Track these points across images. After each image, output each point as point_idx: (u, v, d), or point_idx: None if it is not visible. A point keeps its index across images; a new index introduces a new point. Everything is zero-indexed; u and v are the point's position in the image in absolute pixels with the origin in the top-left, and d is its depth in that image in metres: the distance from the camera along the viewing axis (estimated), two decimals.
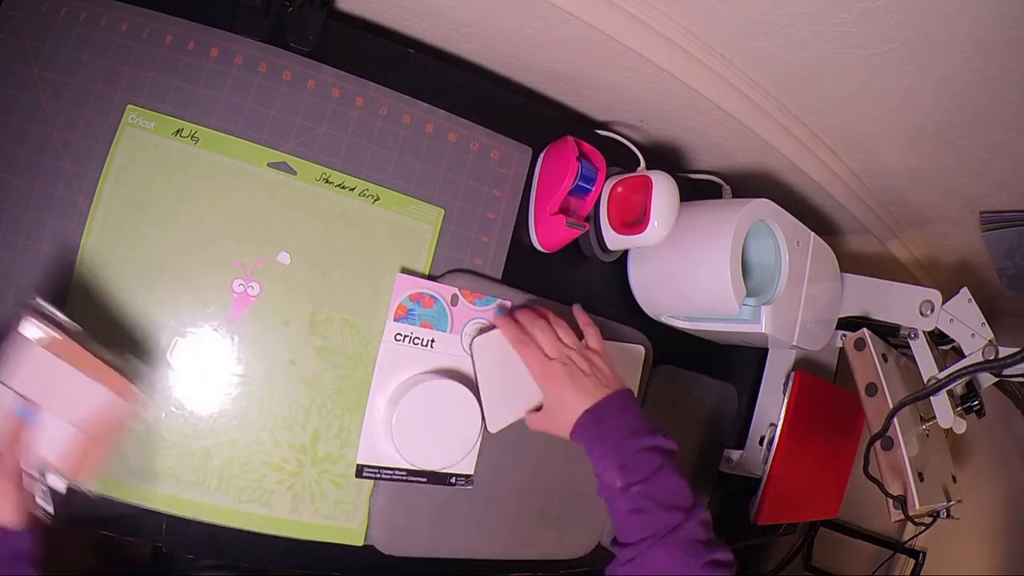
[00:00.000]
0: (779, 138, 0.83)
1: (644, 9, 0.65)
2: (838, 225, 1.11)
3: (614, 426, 0.62)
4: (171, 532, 0.61)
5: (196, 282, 0.61)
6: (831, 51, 0.64)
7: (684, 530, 0.56)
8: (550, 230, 0.74)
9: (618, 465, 0.59)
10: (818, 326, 0.86)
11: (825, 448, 1.06)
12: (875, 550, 1.44)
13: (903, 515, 0.86)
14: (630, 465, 0.59)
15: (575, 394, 0.63)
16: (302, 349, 0.64)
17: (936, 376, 0.83)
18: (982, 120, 0.71)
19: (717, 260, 0.72)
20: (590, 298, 0.81)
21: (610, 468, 0.59)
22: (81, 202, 0.59)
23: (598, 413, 0.63)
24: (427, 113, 0.70)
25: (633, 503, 0.58)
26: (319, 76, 0.65)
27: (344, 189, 0.66)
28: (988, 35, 0.57)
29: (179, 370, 0.61)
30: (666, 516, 0.56)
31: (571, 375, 0.64)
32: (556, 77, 0.80)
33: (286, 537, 0.65)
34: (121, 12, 0.62)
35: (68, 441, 0.53)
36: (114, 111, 0.61)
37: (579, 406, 0.63)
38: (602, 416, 0.63)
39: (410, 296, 0.68)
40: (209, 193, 0.62)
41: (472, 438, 0.68)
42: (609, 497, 0.60)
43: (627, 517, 0.58)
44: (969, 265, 1.17)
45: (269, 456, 0.63)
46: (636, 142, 0.83)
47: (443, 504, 0.71)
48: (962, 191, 0.90)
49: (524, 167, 0.76)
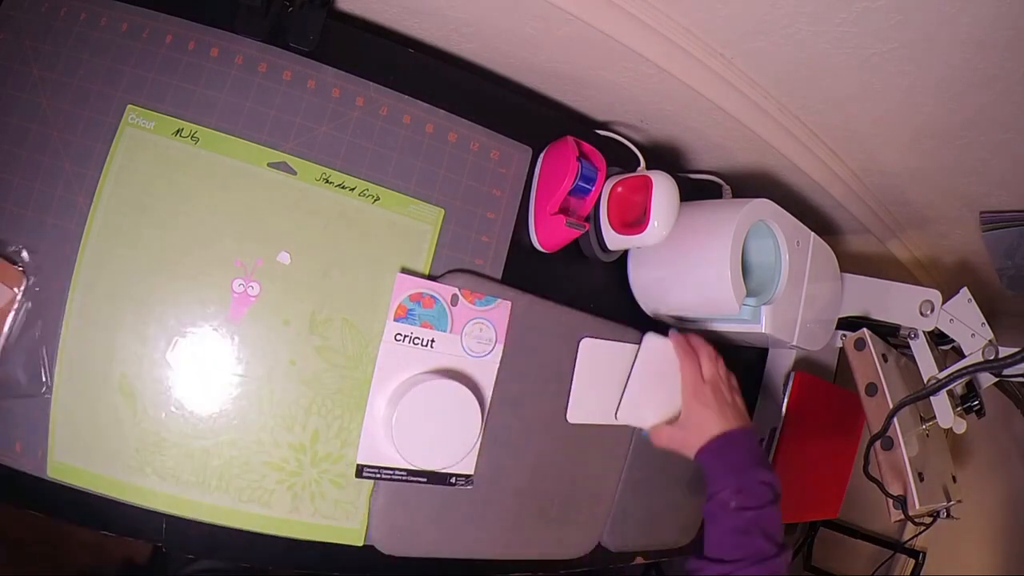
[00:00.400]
0: (779, 138, 0.83)
1: (644, 9, 0.65)
2: (838, 225, 1.11)
3: (740, 454, 0.69)
4: (171, 532, 0.61)
5: (196, 282, 0.61)
6: (831, 51, 0.64)
7: (776, 563, 0.63)
8: (550, 230, 0.74)
9: (736, 488, 0.65)
10: (818, 326, 0.86)
11: (825, 448, 1.06)
12: (875, 550, 1.44)
13: (903, 515, 0.86)
14: (747, 491, 0.65)
15: (715, 417, 0.71)
16: (302, 349, 0.64)
17: (936, 376, 0.83)
18: (982, 120, 0.71)
19: (717, 260, 0.72)
20: (590, 298, 0.81)
21: (728, 488, 0.66)
22: (81, 202, 0.59)
23: (729, 439, 0.70)
24: (427, 113, 0.70)
25: (742, 524, 0.64)
26: (319, 76, 0.65)
27: (344, 189, 0.66)
28: (988, 35, 0.57)
29: (179, 370, 0.61)
30: (766, 545, 0.63)
31: (718, 400, 0.72)
32: (556, 77, 0.80)
33: (286, 537, 0.65)
34: (121, 12, 0.62)
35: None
36: (114, 111, 0.61)
37: (714, 429, 0.70)
38: (731, 442, 0.70)
39: (410, 296, 0.68)
40: (209, 193, 0.62)
41: (472, 438, 0.68)
42: (718, 513, 0.66)
43: (732, 536, 0.64)
44: (969, 265, 1.17)
45: (269, 456, 0.63)
46: (636, 142, 0.83)
47: (443, 504, 0.71)
48: (962, 191, 0.90)
49: (524, 167, 0.76)
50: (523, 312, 0.74)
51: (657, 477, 0.89)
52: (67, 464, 0.59)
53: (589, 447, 0.81)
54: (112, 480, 0.59)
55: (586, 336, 0.78)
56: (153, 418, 0.60)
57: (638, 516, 0.87)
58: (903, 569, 1.42)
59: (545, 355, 0.76)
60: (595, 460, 0.82)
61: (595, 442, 0.81)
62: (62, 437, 0.59)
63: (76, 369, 0.59)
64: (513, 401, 0.74)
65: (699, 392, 0.73)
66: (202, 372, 0.62)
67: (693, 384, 0.73)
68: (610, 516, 0.84)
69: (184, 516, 0.61)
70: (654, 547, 0.91)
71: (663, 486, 0.90)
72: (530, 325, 0.75)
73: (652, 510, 0.89)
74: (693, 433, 0.72)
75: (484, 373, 0.72)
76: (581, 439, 0.80)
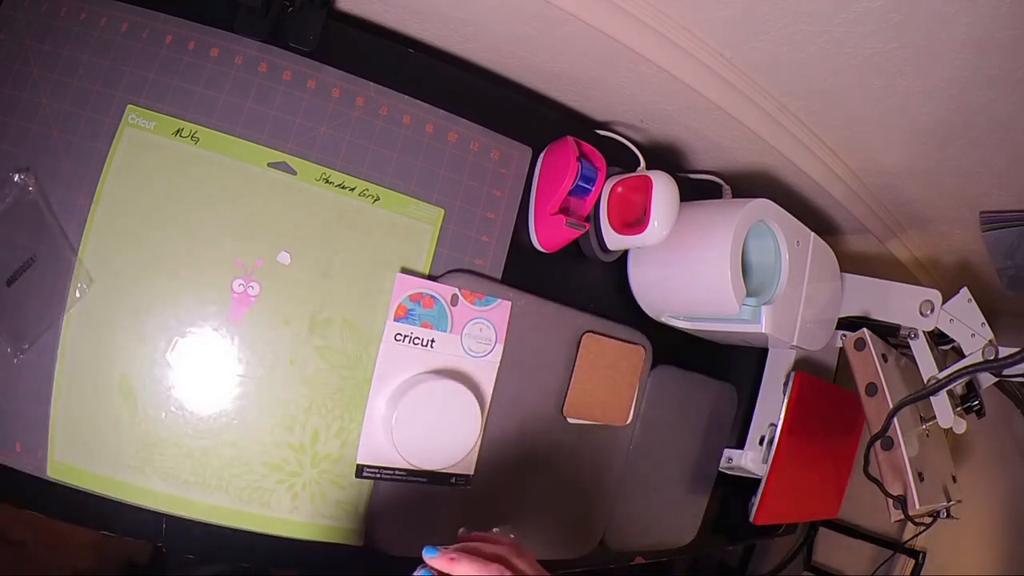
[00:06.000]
0: (779, 138, 0.83)
1: (644, 9, 0.65)
2: (838, 225, 1.11)
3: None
4: (171, 532, 0.61)
5: (196, 282, 0.61)
6: (831, 51, 0.64)
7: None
8: (550, 230, 0.74)
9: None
10: (818, 326, 0.86)
11: (825, 448, 1.06)
12: (875, 550, 1.44)
13: (903, 515, 0.86)
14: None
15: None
16: (302, 349, 0.64)
17: (936, 376, 0.83)
18: (982, 120, 0.71)
19: (717, 260, 0.72)
20: (590, 298, 0.81)
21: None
22: (81, 202, 0.59)
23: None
24: (427, 113, 0.70)
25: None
26: (319, 76, 0.65)
27: (344, 189, 0.66)
28: (987, 35, 0.57)
29: (179, 370, 0.61)
30: None
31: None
32: (556, 77, 0.80)
33: (286, 537, 0.65)
34: (121, 12, 0.62)
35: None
36: (114, 111, 0.61)
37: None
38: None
39: (410, 296, 0.68)
40: (209, 193, 0.62)
41: (472, 438, 0.68)
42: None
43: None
44: (969, 265, 1.17)
45: (269, 456, 0.63)
46: (636, 142, 0.83)
47: (443, 504, 0.71)
48: (962, 191, 0.90)
49: (524, 167, 0.76)
50: (523, 312, 0.74)
51: (657, 477, 0.89)
52: (67, 464, 0.59)
53: (589, 447, 0.81)
54: (112, 480, 0.59)
55: (587, 332, 0.77)
56: (153, 418, 0.60)
57: (638, 516, 0.87)
58: (903, 569, 1.42)
59: (545, 355, 0.76)
60: (595, 460, 0.82)
61: (595, 442, 0.81)
62: (62, 437, 0.59)
63: (76, 369, 0.59)
64: (513, 401, 0.74)
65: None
66: (202, 372, 0.62)
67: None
68: (610, 516, 0.84)
69: (184, 516, 0.61)
70: (654, 547, 0.91)
71: (663, 486, 0.90)
72: (530, 325, 0.75)
73: (652, 510, 0.89)
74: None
75: (484, 373, 0.72)
76: (581, 439, 0.80)
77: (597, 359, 0.80)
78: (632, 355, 0.83)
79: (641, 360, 0.83)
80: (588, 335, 0.79)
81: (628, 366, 0.82)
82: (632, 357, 0.83)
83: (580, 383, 0.78)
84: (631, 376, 0.83)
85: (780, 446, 0.94)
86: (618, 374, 0.82)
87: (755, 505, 0.94)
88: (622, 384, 0.82)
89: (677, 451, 0.92)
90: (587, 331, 0.79)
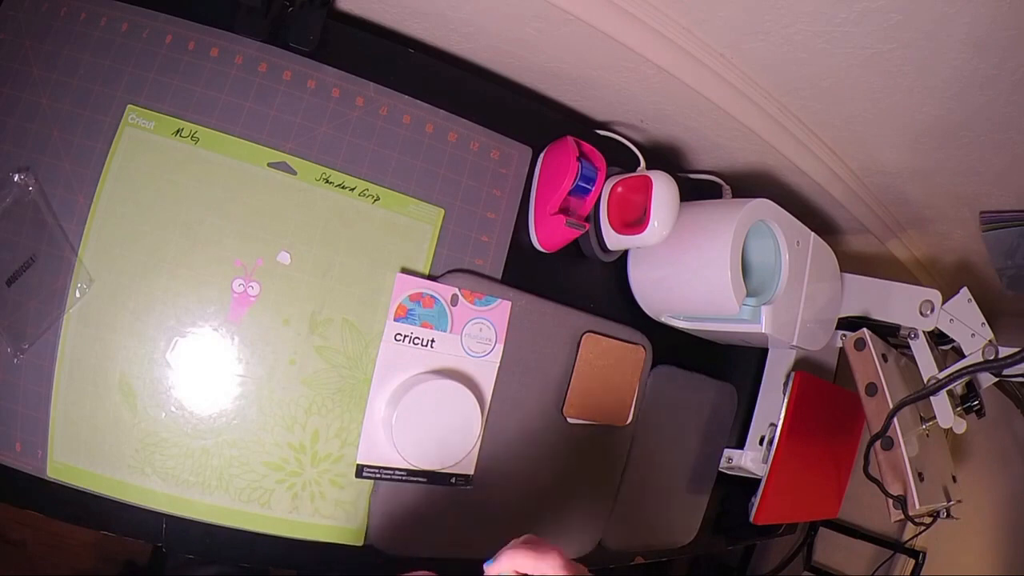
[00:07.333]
0: (779, 138, 0.83)
1: (644, 9, 0.65)
2: (838, 225, 1.11)
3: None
4: (171, 532, 0.61)
5: (196, 282, 0.61)
6: (831, 51, 0.64)
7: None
8: (550, 230, 0.74)
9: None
10: (818, 326, 0.86)
11: (825, 448, 1.06)
12: (875, 550, 1.44)
13: (903, 515, 0.86)
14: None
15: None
16: (302, 349, 0.64)
17: (936, 376, 0.83)
18: (982, 120, 0.71)
19: (717, 260, 0.72)
20: (590, 298, 0.81)
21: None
22: (81, 202, 0.59)
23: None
24: (427, 113, 0.70)
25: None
26: (319, 76, 0.65)
27: (344, 189, 0.66)
28: (987, 35, 0.57)
29: (179, 370, 0.61)
30: None
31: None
32: (556, 77, 0.80)
33: (286, 537, 0.65)
34: (121, 12, 0.62)
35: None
36: (114, 111, 0.61)
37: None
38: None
39: (410, 296, 0.68)
40: (209, 193, 0.62)
41: (472, 438, 0.68)
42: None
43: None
44: (969, 265, 1.17)
45: (269, 456, 0.63)
46: (636, 142, 0.83)
47: (443, 504, 0.71)
48: (962, 191, 0.90)
49: (524, 167, 0.76)
50: (523, 312, 0.74)
51: (657, 477, 0.89)
52: (67, 464, 0.59)
53: (589, 447, 0.81)
54: (112, 480, 0.59)
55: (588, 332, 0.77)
56: (153, 418, 0.60)
57: (638, 516, 0.87)
58: (903, 569, 1.42)
59: (545, 355, 0.76)
60: (595, 460, 0.82)
61: (595, 442, 0.81)
62: (62, 437, 0.59)
63: (76, 369, 0.59)
64: (513, 401, 0.74)
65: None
66: (202, 372, 0.62)
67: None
68: (610, 516, 0.84)
69: (184, 516, 0.61)
70: (654, 547, 0.91)
71: (663, 486, 0.90)
72: (530, 325, 0.75)
73: (652, 510, 0.89)
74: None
75: (484, 373, 0.72)
76: (581, 439, 0.80)
77: (597, 359, 0.80)
78: (632, 355, 0.83)
79: (641, 360, 0.83)
80: (588, 335, 0.79)
81: (628, 366, 0.83)
82: (632, 357, 0.83)
83: (580, 383, 0.79)
84: (631, 376, 0.83)
85: (780, 446, 0.94)
86: (618, 374, 0.82)
87: (755, 505, 0.94)
88: (622, 384, 0.82)
89: (677, 451, 0.92)
90: (587, 331, 0.79)
